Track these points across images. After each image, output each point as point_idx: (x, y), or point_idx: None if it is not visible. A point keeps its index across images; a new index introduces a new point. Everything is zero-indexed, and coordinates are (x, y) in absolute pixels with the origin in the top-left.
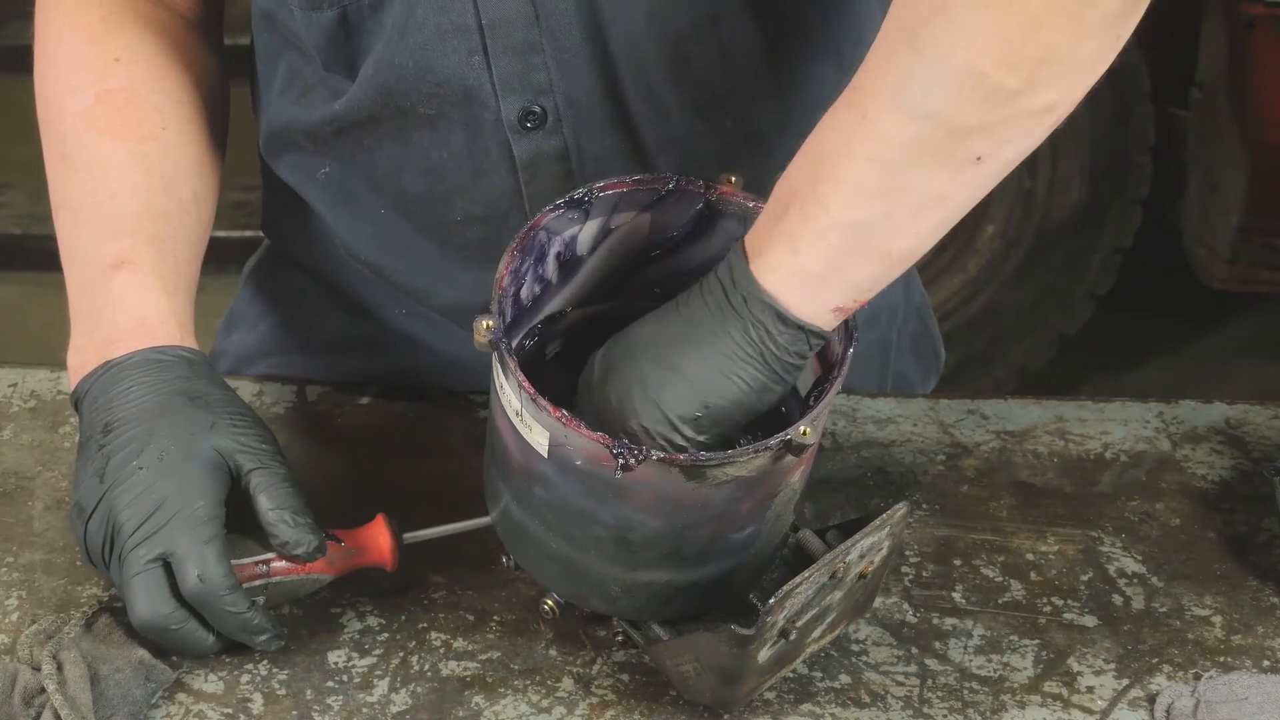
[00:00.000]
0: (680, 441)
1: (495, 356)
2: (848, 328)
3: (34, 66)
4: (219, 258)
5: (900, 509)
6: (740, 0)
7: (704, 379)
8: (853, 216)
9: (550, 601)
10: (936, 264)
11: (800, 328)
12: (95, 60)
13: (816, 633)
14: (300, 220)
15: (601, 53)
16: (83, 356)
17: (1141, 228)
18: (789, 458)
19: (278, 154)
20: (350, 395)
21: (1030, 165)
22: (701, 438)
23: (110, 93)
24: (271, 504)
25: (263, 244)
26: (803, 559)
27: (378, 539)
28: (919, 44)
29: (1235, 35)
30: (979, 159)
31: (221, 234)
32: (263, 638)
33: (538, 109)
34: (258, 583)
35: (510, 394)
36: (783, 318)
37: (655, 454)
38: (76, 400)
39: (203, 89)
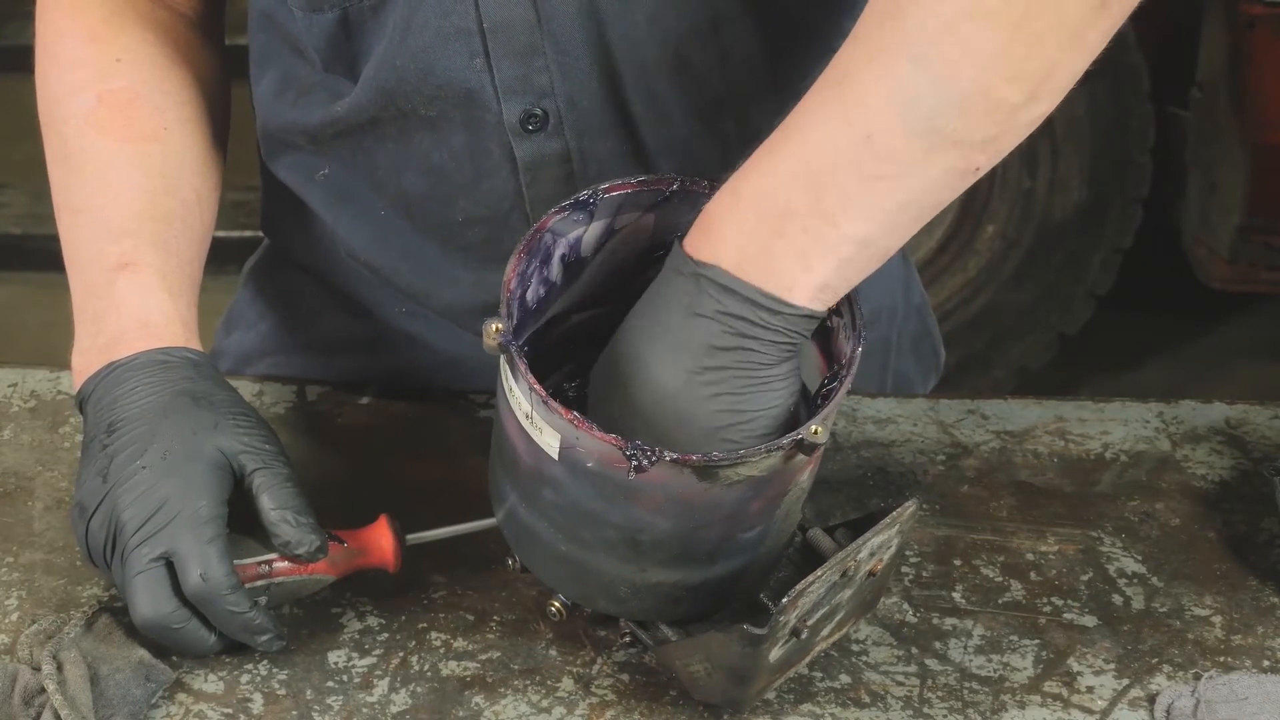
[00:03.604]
0: None
1: (504, 359)
2: (856, 328)
3: (35, 67)
4: (219, 258)
5: (910, 506)
6: (741, 4)
7: (774, 415)
8: (863, 232)
9: (557, 604)
10: (937, 264)
11: (821, 319)
12: (97, 61)
13: (825, 631)
14: (300, 220)
15: (603, 56)
16: (87, 358)
17: (1141, 228)
18: (800, 456)
19: (276, 155)
20: (350, 395)
21: (1030, 165)
22: None
23: (112, 93)
24: (274, 504)
25: (262, 244)
26: (809, 558)
27: (380, 540)
28: (927, 63)
29: (1235, 35)
30: (978, 169)
31: (221, 234)
32: (264, 638)
33: (539, 112)
34: (260, 583)
35: (520, 396)
36: (814, 317)
37: (668, 455)
38: (81, 401)
39: (204, 89)
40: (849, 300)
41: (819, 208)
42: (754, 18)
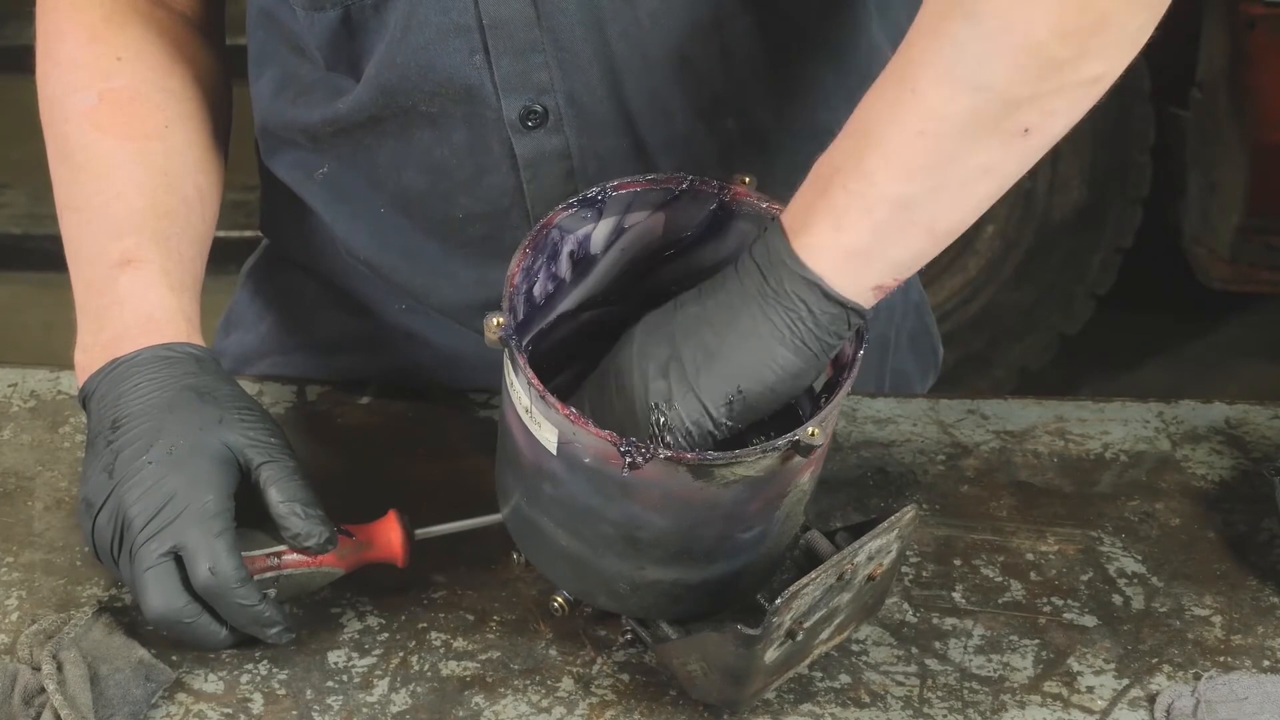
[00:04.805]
0: (710, 427)
1: (505, 353)
2: (858, 330)
3: (36, 67)
4: (219, 258)
5: (909, 511)
6: (742, 2)
7: (740, 363)
8: (901, 191)
9: (560, 599)
10: (937, 264)
11: (842, 305)
12: (98, 60)
13: (824, 634)
14: (299, 219)
15: (603, 53)
16: (90, 354)
17: (1141, 228)
18: (797, 458)
19: (274, 153)
20: (350, 395)
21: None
22: (733, 423)
23: (113, 91)
24: (282, 496)
25: (261, 244)
26: (812, 560)
27: (389, 534)
28: (976, 14)
29: (1235, 35)
30: (1027, 131)
31: (221, 234)
32: (274, 630)
33: (539, 108)
34: (268, 575)
35: (520, 391)
36: (827, 295)
37: (663, 452)
38: (84, 398)
39: (205, 87)
40: None
41: (860, 165)
42: (755, 16)
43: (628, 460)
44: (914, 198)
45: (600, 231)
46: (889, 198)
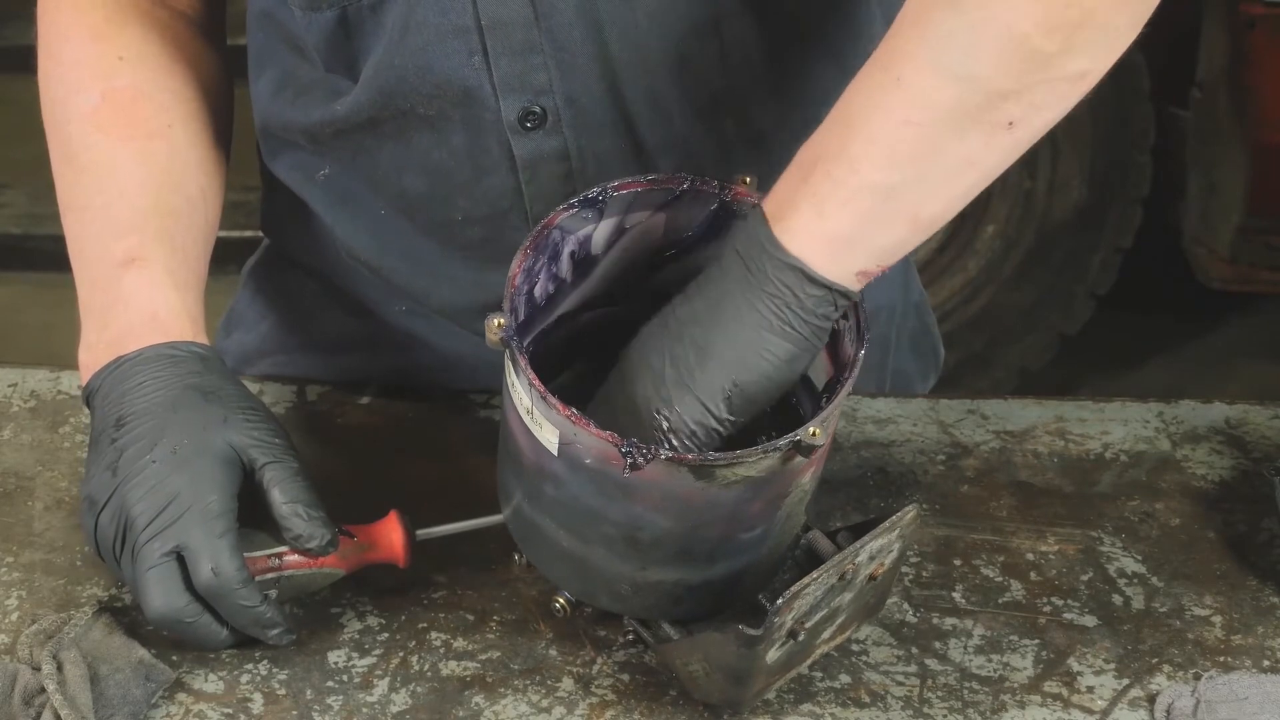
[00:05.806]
0: (713, 424)
1: (507, 355)
2: (859, 329)
3: (38, 67)
4: (219, 258)
5: (910, 511)
6: (741, 1)
7: (732, 356)
8: (885, 179)
9: (561, 600)
10: (937, 264)
11: (828, 288)
12: (100, 59)
13: (826, 634)
14: (300, 219)
15: (601, 53)
16: (94, 352)
17: (1141, 228)
18: (799, 458)
19: (275, 154)
20: (350, 395)
21: (1030, 165)
22: (735, 417)
23: (116, 91)
24: (285, 497)
25: (262, 244)
26: (813, 561)
27: (390, 534)
28: (961, 6)
29: (1235, 35)
30: (1011, 124)
31: (221, 234)
32: (275, 631)
33: (538, 109)
34: (270, 576)
35: (521, 392)
36: (810, 278)
37: (664, 453)
38: (88, 396)
39: (206, 86)
40: (854, 305)
41: (844, 152)
42: (754, 16)
43: (629, 461)
44: (897, 186)
45: (601, 232)
46: (872, 185)
